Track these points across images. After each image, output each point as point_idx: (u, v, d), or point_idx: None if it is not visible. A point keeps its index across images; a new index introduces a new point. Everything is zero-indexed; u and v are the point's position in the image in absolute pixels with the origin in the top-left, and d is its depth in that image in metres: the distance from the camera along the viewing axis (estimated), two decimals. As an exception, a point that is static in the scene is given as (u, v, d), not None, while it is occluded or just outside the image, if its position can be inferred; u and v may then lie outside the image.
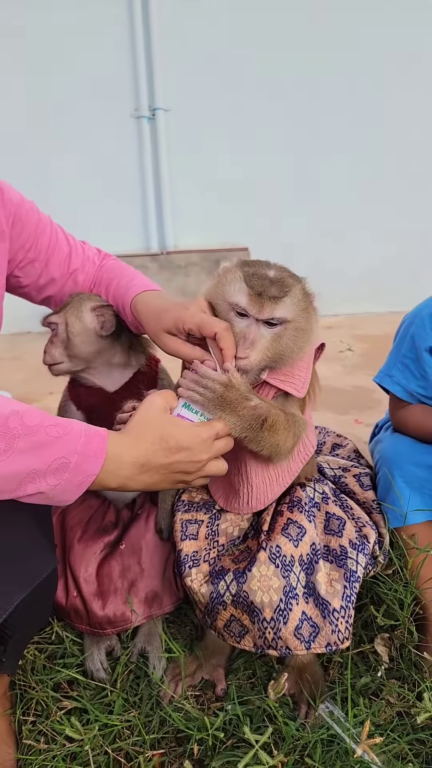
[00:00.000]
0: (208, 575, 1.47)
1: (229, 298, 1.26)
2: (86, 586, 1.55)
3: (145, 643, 1.59)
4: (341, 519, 1.54)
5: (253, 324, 1.24)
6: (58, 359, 1.59)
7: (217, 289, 1.31)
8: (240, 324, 1.26)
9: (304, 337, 1.29)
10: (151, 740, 1.37)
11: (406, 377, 1.73)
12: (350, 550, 1.47)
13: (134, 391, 1.66)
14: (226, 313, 1.29)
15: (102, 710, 1.43)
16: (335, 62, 5.03)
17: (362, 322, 5.10)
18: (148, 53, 4.82)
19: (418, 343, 1.69)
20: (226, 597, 1.41)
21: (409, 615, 1.51)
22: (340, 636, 1.37)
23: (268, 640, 1.37)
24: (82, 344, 1.58)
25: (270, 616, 1.36)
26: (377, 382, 1.84)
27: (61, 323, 1.58)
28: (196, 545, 1.53)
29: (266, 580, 1.38)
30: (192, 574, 1.47)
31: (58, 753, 1.31)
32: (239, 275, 1.27)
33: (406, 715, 1.39)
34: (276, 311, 1.22)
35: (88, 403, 1.67)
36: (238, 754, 1.25)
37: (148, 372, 1.69)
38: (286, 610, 1.37)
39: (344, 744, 1.21)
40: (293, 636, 1.36)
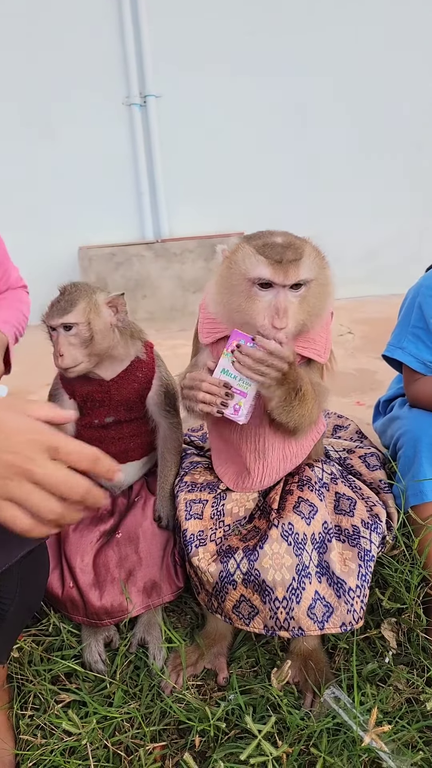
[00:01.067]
0: (216, 554, 1.43)
1: (249, 274, 1.25)
2: (82, 576, 1.51)
3: (144, 633, 1.55)
4: (352, 499, 1.51)
5: (280, 292, 1.25)
6: (80, 360, 1.49)
7: (231, 270, 1.29)
8: (266, 297, 1.26)
9: (326, 293, 1.32)
10: (152, 733, 1.32)
11: (418, 347, 1.68)
12: (363, 529, 1.43)
13: (131, 380, 1.61)
14: (247, 293, 1.27)
15: (101, 703, 1.39)
16: (328, 42, 4.92)
17: (362, 305, 5.02)
18: (138, 39, 4.73)
19: (427, 312, 1.66)
20: (237, 576, 1.36)
21: (417, 597, 1.46)
22: (355, 616, 1.33)
23: (280, 620, 1.32)
24: (103, 340, 1.51)
25: (282, 596, 1.32)
26: (388, 356, 1.78)
27: (83, 322, 1.48)
28: (201, 525, 1.49)
29: (278, 558, 1.35)
30: (199, 553, 1.44)
31: (55, 747, 1.27)
32: (250, 250, 1.26)
33: (416, 701, 1.34)
34: (301, 273, 1.24)
35: (83, 392, 1.61)
36: (240, 745, 1.20)
37: (146, 360, 1.64)
38: (299, 589, 1.33)
39: (351, 732, 1.16)
40: (306, 616, 1.32)
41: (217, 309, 1.38)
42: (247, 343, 1.24)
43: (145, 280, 4.58)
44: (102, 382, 1.60)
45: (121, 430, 1.65)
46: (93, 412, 1.62)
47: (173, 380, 1.69)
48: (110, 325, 1.54)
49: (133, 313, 5.03)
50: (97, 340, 1.49)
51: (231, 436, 1.52)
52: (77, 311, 1.47)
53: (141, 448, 1.69)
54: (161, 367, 1.67)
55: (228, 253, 1.33)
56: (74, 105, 4.81)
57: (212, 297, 1.38)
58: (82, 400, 1.62)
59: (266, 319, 1.25)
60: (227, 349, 1.28)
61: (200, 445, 1.90)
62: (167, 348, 4.27)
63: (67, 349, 1.48)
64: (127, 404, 1.63)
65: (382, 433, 1.90)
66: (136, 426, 1.67)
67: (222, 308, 1.36)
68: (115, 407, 1.62)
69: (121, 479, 1.65)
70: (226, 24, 4.81)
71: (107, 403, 1.61)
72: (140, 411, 1.65)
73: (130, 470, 1.71)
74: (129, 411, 1.63)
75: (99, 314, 1.51)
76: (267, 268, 1.23)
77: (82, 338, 1.48)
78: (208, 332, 1.47)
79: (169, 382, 1.66)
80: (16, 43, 4.68)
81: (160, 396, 1.64)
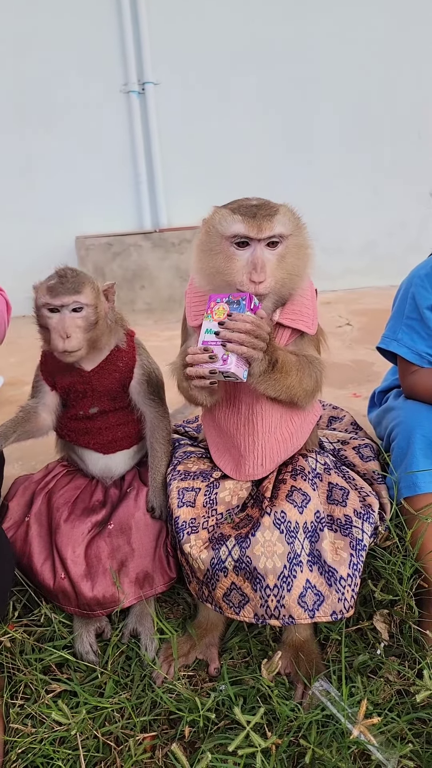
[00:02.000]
0: (208, 542, 1.43)
1: (226, 232, 1.30)
2: (74, 567, 1.50)
3: (136, 624, 1.55)
4: (345, 489, 1.51)
5: (257, 248, 1.28)
6: (82, 344, 1.45)
7: (209, 234, 1.34)
8: (243, 255, 1.30)
9: (304, 253, 1.36)
10: (142, 723, 1.32)
11: (413, 338, 1.67)
12: (355, 519, 1.44)
13: (112, 369, 1.60)
14: (225, 252, 1.31)
15: (92, 693, 1.39)
16: (328, 29, 4.87)
17: (361, 296, 5.00)
18: (136, 26, 4.67)
19: (420, 302, 1.64)
20: (228, 563, 1.37)
21: (409, 589, 1.46)
22: (346, 604, 1.33)
23: (271, 608, 1.32)
24: (103, 326, 1.50)
25: (273, 583, 1.32)
26: (382, 348, 1.76)
27: (91, 305, 1.44)
28: (193, 512, 1.49)
29: (270, 546, 1.35)
30: (191, 540, 1.44)
31: (45, 737, 1.27)
32: (226, 212, 1.32)
33: (406, 693, 1.34)
34: (274, 227, 1.27)
35: (64, 384, 1.60)
36: (230, 735, 1.20)
37: (126, 349, 1.62)
38: (290, 577, 1.33)
39: (340, 725, 1.16)
40: (297, 604, 1.32)
41: (200, 276, 1.39)
42: (223, 299, 1.27)
43: (143, 271, 4.55)
44: (82, 372, 1.58)
45: (107, 420, 1.64)
46: (77, 404, 1.61)
47: (156, 368, 1.67)
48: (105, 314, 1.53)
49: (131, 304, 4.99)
50: (99, 325, 1.48)
51: (225, 424, 1.52)
52: (87, 292, 1.45)
53: (129, 437, 1.68)
54: (142, 355, 1.65)
55: (206, 220, 1.37)
56: (71, 92, 4.76)
57: (194, 265, 1.40)
58: (64, 392, 1.61)
59: (244, 276, 1.28)
60: (206, 312, 1.29)
61: (194, 436, 1.90)
62: (165, 339, 4.25)
63: (74, 330, 1.43)
64: (110, 394, 1.61)
65: (376, 425, 1.89)
66: (122, 415, 1.65)
67: (204, 274, 1.38)
68: (98, 397, 1.60)
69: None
70: (225, 10, 4.75)
71: (90, 394, 1.60)
72: (124, 400, 1.64)
73: (120, 460, 1.70)
74: (113, 401, 1.62)
75: (101, 300, 1.50)
76: (241, 225, 1.27)
77: (89, 322, 1.45)
78: (195, 315, 1.47)
79: (151, 371, 1.65)
80: (12, 31, 4.63)
81: (143, 384, 1.62)
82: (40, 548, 1.55)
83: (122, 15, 4.65)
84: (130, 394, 1.64)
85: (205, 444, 1.73)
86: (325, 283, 5.22)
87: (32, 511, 1.60)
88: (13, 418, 1.57)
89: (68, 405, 1.63)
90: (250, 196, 1.39)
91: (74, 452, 1.72)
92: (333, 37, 4.91)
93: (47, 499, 1.62)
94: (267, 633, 1.52)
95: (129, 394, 1.64)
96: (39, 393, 1.63)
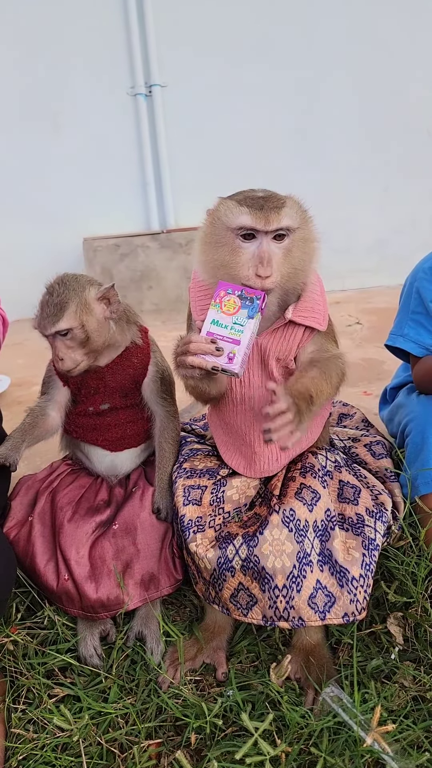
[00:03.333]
0: (215, 541, 1.39)
1: (232, 224, 1.26)
2: (78, 568, 1.46)
3: (142, 627, 1.50)
4: (356, 487, 1.46)
5: (264, 241, 1.25)
6: (79, 360, 1.47)
7: (214, 226, 1.30)
8: (249, 248, 1.27)
9: (311, 247, 1.33)
10: (147, 730, 1.28)
11: (419, 333, 1.63)
12: (367, 518, 1.39)
13: (126, 365, 1.57)
14: (230, 245, 1.27)
15: (96, 698, 1.35)
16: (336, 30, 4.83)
17: (371, 295, 4.94)
18: (142, 28, 4.67)
19: (425, 296, 1.62)
20: (235, 562, 1.32)
21: (424, 591, 1.40)
22: (358, 606, 1.28)
23: (279, 610, 1.27)
24: (99, 338, 1.48)
25: (282, 584, 1.27)
26: (390, 345, 1.74)
27: (76, 326, 1.44)
28: (199, 511, 1.45)
29: (279, 545, 1.30)
30: (197, 539, 1.39)
31: (47, 743, 1.23)
32: (232, 203, 1.28)
33: (422, 700, 1.28)
34: (282, 220, 1.24)
35: (77, 379, 1.57)
36: (238, 743, 1.15)
37: (141, 345, 1.59)
38: (300, 577, 1.28)
39: (353, 732, 1.11)
40: (307, 605, 1.27)
41: (203, 269, 1.36)
42: (236, 291, 1.23)
43: (150, 272, 4.53)
44: (97, 368, 1.56)
45: (117, 417, 1.60)
46: (88, 400, 1.58)
47: (169, 367, 1.64)
48: (104, 319, 1.49)
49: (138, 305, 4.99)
50: (93, 339, 1.46)
51: (236, 421, 1.49)
52: (68, 316, 1.43)
53: (137, 435, 1.65)
54: (156, 352, 1.63)
55: (210, 212, 1.34)
56: (79, 95, 4.76)
57: (198, 258, 1.36)
58: (76, 388, 1.58)
59: (250, 270, 1.25)
60: (215, 300, 1.25)
61: (201, 434, 1.86)
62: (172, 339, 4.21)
63: (65, 353, 1.45)
64: (123, 390, 1.58)
65: (388, 422, 1.84)
66: (132, 412, 1.62)
67: (207, 267, 1.34)
68: (110, 394, 1.58)
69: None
70: (232, 12, 4.73)
71: (102, 390, 1.57)
72: (136, 397, 1.61)
73: (127, 458, 1.66)
74: (125, 397, 1.59)
75: (91, 313, 1.46)
76: (248, 217, 1.24)
77: (79, 340, 1.45)
78: (201, 309, 1.44)
79: (164, 368, 1.62)
80: (20, 33, 4.64)
81: (156, 382, 1.60)
82: (43, 549, 1.51)
83: (129, 18, 4.65)
84: (142, 392, 1.61)
85: (211, 441, 1.70)
86: (334, 283, 5.16)
87: (35, 510, 1.57)
88: (20, 426, 1.55)
89: (78, 401, 1.60)
90: (255, 188, 1.35)
91: (80, 449, 1.69)
92: (341, 37, 4.88)
93: (51, 498, 1.59)
94: (276, 636, 1.47)
95: (141, 391, 1.61)
96: (51, 389, 1.60)
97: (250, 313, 1.23)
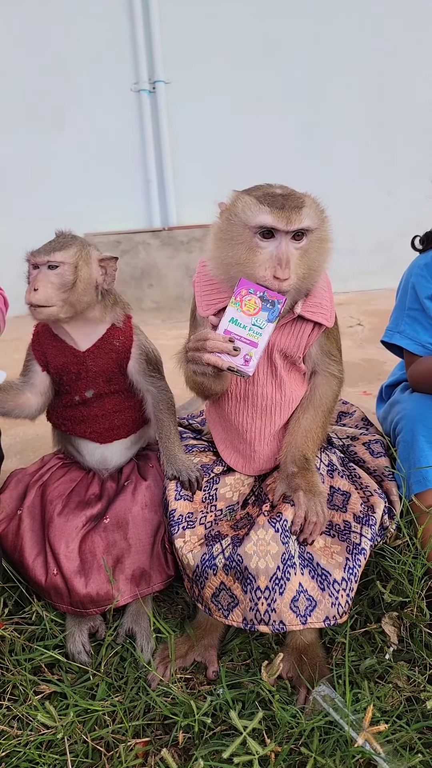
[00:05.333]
0: (203, 538, 1.37)
1: (251, 222, 1.23)
2: (67, 562, 1.43)
3: (132, 624, 1.47)
4: (346, 494, 1.45)
5: (282, 242, 1.23)
6: (53, 301, 1.41)
7: (231, 222, 1.27)
8: (268, 247, 1.24)
9: (325, 248, 1.31)
10: (135, 728, 1.25)
11: (416, 330, 1.61)
12: (354, 524, 1.37)
13: (107, 349, 1.54)
14: (248, 243, 1.25)
15: (83, 695, 1.32)
16: (341, 29, 4.81)
17: (374, 298, 4.92)
18: (147, 24, 4.66)
19: (420, 292, 1.61)
20: (218, 560, 1.29)
21: (420, 590, 1.37)
22: (340, 610, 1.25)
23: (260, 612, 1.24)
24: (84, 293, 1.45)
25: (265, 585, 1.24)
26: (386, 341, 1.71)
27: (69, 264, 1.41)
28: (191, 507, 1.43)
29: (264, 545, 1.27)
30: (186, 535, 1.37)
31: (31, 740, 1.20)
32: (251, 200, 1.25)
33: (416, 700, 1.25)
34: (303, 220, 1.22)
35: (57, 364, 1.54)
36: (226, 742, 1.12)
37: (123, 328, 1.57)
38: (284, 579, 1.25)
39: (344, 732, 1.08)
40: (289, 609, 1.24)
41: (216, 265, 1.33)
42: (257, 292, 1.21)
43: (151, 269, 4.51)
44: (77, 353, 1.53)
45: (103, 406, 1.58)
46: (71, 387, 1.56)
47: (154, 348, 1.63)
48: (95, 283, 1.48)
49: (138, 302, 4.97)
50: (78, 288, 1.43)
51: (236, 418, 1.48)
52: (67, 252, 1.43)
53: (127, 425, 1.62)
54: (140, 335, 1.60)
55: (226, 206, 1.30)
56: (82, 91, 4.76)
57: (210, 253, 1.33)
58: (57, 374, 1.55)
59: (268, 271, 1.22)
60: (235, 298, 1.22)
61: (198, 429, 1.83)
62: (172, 338, 4.19)
63: (44, 285, 1.40)
64: (106, 375, 1.56)
65: (383, 420, 1.82)
66: (119, 400, 1.59)
67: (221, 264, 1.31)
68: (93, 379, 1.55)
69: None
70: (238, 9, 4.72)
71: (84, 376, 1.54)
72: (122, 383, 1.58)
73: (117, 450, 1.63)
74: (109, 383, 1.56)
75: (88, 265, 1.45)
76: (269, 215, 1.21)
77: (64, 281, 1.42)
78: (207, 304, 1.41)
79: (149, 350, 1.60)
80: (24, 30, 4.64)
81: (142, 363, 1.58)
82: (32, 543, 1.48)
83: (134, 15, 4.64)
84: (129, 375, 1.58)
85: (208, 437, 1.67)
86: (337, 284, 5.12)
87: (25, 504, 1.54)
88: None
89: (62, 391, 1.57)
90: (271, 183, 1.32)
91: (70, 443, 1.66)
92: (348, 36, 4.86)
93: (41, 492, 1.56)
94: (270, 635, 1.44)
95: (127, 375, 1.58)
96: (28, 372, 1.57)
97: (270, 317, 1.21)
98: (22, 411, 1.57)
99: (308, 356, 1.46)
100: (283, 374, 1.43)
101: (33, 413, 1.60)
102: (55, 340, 1.55)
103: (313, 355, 1.45)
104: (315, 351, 1.44)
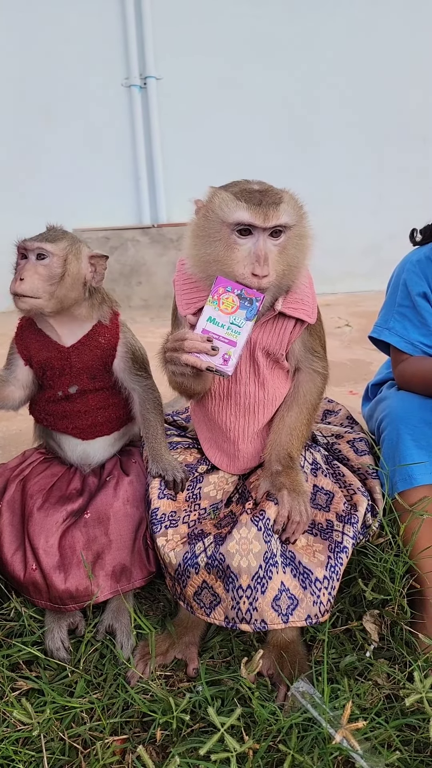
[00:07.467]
0: (186, 537, 1.36)
1: (229, 219, 1.22)
2: (46, 557, 1.41)
3: (112, 620, 1.46)
4: (329, 493, 1.44)
5: (260, 239, 1.22)
6: (38, 293, 1.38)
7: (208, 219, 1.25)
8: (245, 244, 1.23)
9: (305, 244, 1.30)
10: (113, 725, 1.23)
11: (405, 327, 1.60)
12: (337, 523, 1.37)
13: (92, 346, 1.52)
14: (225, 240, 1.23)
15: (61, 692, 1.30)
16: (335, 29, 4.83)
17: (362, 299, 4.94)
18: (139, 19, 4.64)
19: (412, 289, 1.59)
20: (201, 559, 1.28)
21: (402, 588, 1.37)
22: (322, 608, 1.25)
23: (242, 611, 1.23)
24: (71, 287, 1.43)
25: (247, 584, 1.23)
26: (374, 337, 1.70)
27: (59, 256, 1.40)
28: (174, 506, 1.42)
29: (246, 543, 1.26)
30: (168, 534, 1.36)
31: (6, 736, 1.18)
32: (229, 196, 1.23)
33: (395, 698, 1.25)
34: (281, 217, 1.21)
35: (40, 358, 1.52)
36: (204, 739, 1.11)
37: (109, 326, 1.55)
38: (266, 578, 1.24)
39: (323, 729, 1.07)
40: (270, 607, 1.23)
41: (194, 263, 1.31)
42: (235, 290, 1.19)
43: (140, 266, 4.49)
44: (60, 348, 1.51)
45: (86, 402, 1.56)
46: (54, 383, 1.54)
47: (141, 347, 1.61)
48: (84, 279, 1.46)
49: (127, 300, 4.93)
50: (65, 282, 1.41)
51: (219, 417, 1.46)
52: (58, 244, 1.42)
53: (110, 422, 1.60)
54: (127, 333, 1.59)
55: (203, 203, 1.28)
56: (72, 85, 4.73)
57: (188, 251, 1.31)
58: (40, 369, 1.54)
59: (246, 268, 1.21)
60: (213, 296, 1.21)
61: (183, 425, 1.82)
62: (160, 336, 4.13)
63: (30, 275, 1.38)
64: (90, 372, 1.54)
65: (369, 418, 1.82)
66: (103, 397, 1.58)
67: (199, 262, 1.30)
68: (77, 375, 1.53)
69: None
70: (232, 8, 4.72)
71: (68, 371, 1.52)
72: (106, 380, 1.57)
73: (100, 447, 1.62)
74: (93, 380, 1.55)
75: (78, 260, 1.44)
76: (246, 212, 1.20)
77: (52, 273, 1.40)
78: (187, 303, 1.40)
79: (136, 348, 1.58)
80: (14, 24, 4.60)
81: (127, 361, 1.56)
82: (11, 537, 1.46)
83: (125, 9, 4.62)
84: (114, 373, 1.57)
85: (192, 434, 1.66)
86: (326, 286, 5.15)
87: (5, 498, 1.52)
88: None
89: (45, 385, 1.55)
90: (248, 179, 1.31)
91: (52, 438, 1.64)
92: (339, 39, 4.88)
93: (21, 487, 1.54)
94: (251, 633, 1.44)
95: (113, 373, 1.56)
96: (11, 365, 1.55)
97: (248, 315, 1.20)
98: (6, 403, 1.55)
99: (291, 353, 1.44)
100: (265, 372, 1.42)
101: (16, 405, 1.58)
102: (39, 334, 1.53)
103: (296, 352, 1.44)
104: (298, 348, 1.43)
